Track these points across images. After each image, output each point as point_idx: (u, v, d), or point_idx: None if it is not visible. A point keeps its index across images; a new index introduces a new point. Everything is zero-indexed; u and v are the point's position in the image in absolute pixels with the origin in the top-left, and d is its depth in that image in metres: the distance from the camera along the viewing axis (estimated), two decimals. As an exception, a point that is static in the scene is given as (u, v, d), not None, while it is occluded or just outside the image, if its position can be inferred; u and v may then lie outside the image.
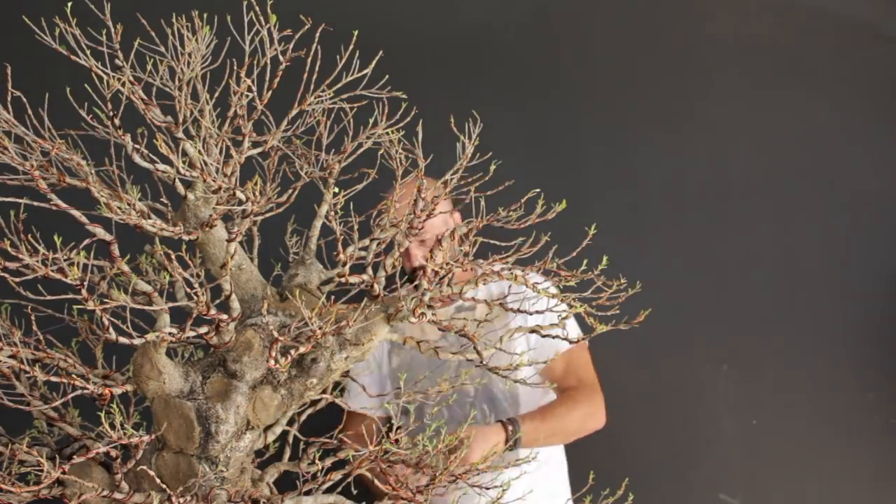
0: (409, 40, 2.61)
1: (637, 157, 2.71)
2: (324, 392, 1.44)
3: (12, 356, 1.15)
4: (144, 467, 1.22)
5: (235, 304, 1.24)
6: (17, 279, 1.10)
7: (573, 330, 2.22)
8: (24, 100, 1.18)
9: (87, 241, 1.10)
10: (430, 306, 1.28)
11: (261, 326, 1.28)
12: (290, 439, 1.51)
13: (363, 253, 1.41)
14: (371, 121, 1.37)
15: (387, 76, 1.31)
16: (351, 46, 1.26)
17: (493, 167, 1.62)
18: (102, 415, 1.15)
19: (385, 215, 1.41)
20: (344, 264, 1.28)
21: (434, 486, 1.35)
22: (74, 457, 1.16)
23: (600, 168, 2.70)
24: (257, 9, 1.18)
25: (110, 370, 1.31)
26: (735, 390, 2.65)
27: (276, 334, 1.20)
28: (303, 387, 1.29)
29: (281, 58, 1.21)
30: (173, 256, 1.18)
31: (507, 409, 2.14)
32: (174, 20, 1.17)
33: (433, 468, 1.35)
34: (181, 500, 1.20)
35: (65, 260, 1.07)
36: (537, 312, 1.37)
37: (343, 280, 1.30)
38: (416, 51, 2.61)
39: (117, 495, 1.21)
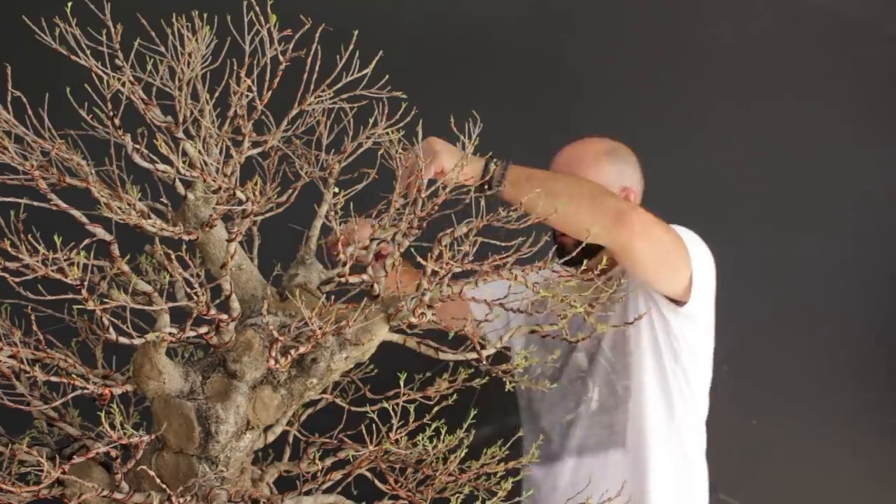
0: (409, 40, 2.61)
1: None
2: (324, 392, 1.44)
3: (12, 356, 1.15)
4: (144, 467, 1.22)
5: (235, 304, 1.24)
6: (17, 279, 1.10)
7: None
8: (24, 100, 1.18)
9: (87, 241, 1.10)
10: (429, 306, 1.28)
11: (261, 326, 1.28)
12: (291, 439, 1.51)
13: (363, 253, 1.41)
14: (371, 121, 1.37)
15: (387, 76, 1.32)
16: (351, 46, 1.26)
17: (493, 167, 1.62)
18: (102, 415, 1.15)
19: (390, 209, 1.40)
20: (344, 264, 1.28)
21: (433, 484, 1.35)
22: (74, 457, 1.16)
23: (600, 168, 2.69)
24: (257, 9, 1.18)
25: (110, 370, 1.31)
26: (735, 390, 2.65)
27: (276, 334, 1.20)
28: (303, 387, 1.29)
29: (281, 58, 1.21)
30: (173, 256, 1.18)
31: (615, 381, 2.01)
32: (174, 20, 1.17)
33: (433, 467, 1.36)
34: (181, 500, 1.20)
35: (65, 260, 1.07)
36: (537, 312, 1.37)
37: (343, 280, 1.30)
38: (416, 51, 2.61)
39: (117, 495, 1.21)
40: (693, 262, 1.86)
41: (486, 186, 1.68)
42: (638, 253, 1.79)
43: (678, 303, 1.90)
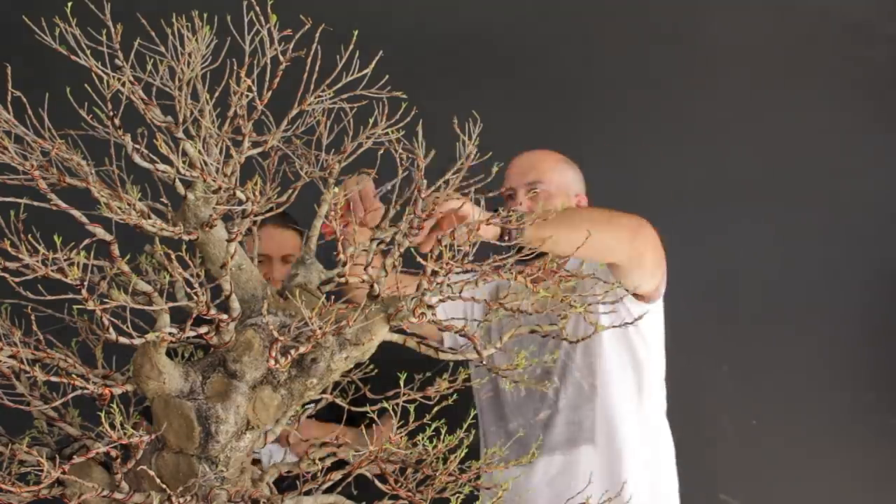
0: (409, 40, 2.61)
1: (637, 157, 2.71)
2: (324, 392, 1.44)
3: (12, 356, 1.15)
4: (144, 467, 1.22)
5: (235, 304, 1.24)
6: (17, 279, 1.10)
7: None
8: (24, 100, 1.18)
9: (87, 241, 1.10)
10: (429, 306, 1.28)
11: (261, 326, 1.28)
12: (291, 439, 1.51)
13: (363, 254, 1.41)
14: (371, 121, 1.37)
15: (387, 76, 1.32)
16: (351, 46, 1.26)
17: (495, 168, 1.62)
18: (102, 415, 1.15)
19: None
20: (344, 264, 1.28)
21: (433, 484, 1.35)
22: (74, 457, 1.16)
23: (600, 168, 2.69)
24: (257, 9, 1.18)
25: (110, 370, 1.31)
26: (735, 390, 2.65)
27: (276, 334, 1.20)
28: (303, 387, 1.29)
29: (281, 58, 1.21)
30: (173, 256, 1.18)
31: (581, 379, 2.07)
32: (174, 20, 1.17)
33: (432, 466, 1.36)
34: (181, 500, 1.20)
35: (65, 260, 1.07)
36: (536, 312, 1.37)
37: (343, 280, 1.30)
38: (416, 51, 2.61)
39: (117, 495, 1.21)
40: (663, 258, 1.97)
41: (505, 238, 1.68)
42: (646, 261, 1.90)
43: (643, 297, 1.99)
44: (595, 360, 2.04)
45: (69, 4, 1.16)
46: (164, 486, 1.20)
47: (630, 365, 2.05)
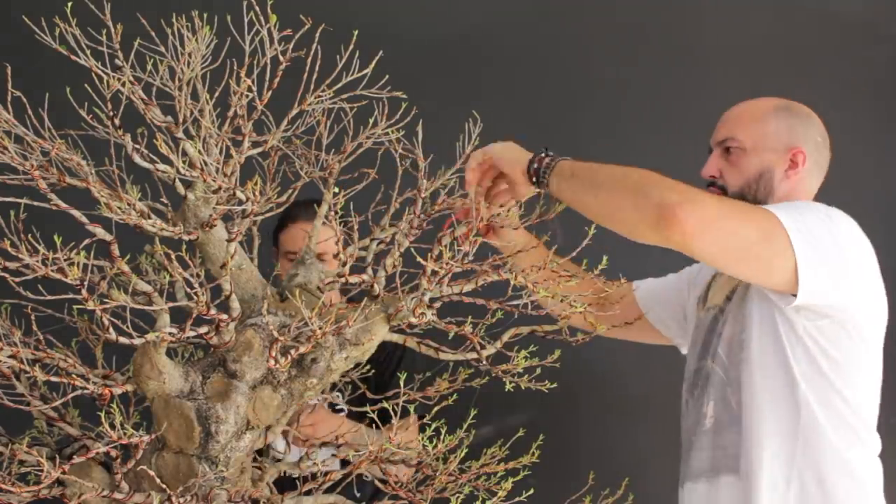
0: (409, 40, 2.61)
1: (637, 158, 2.70)
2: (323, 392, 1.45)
3: (12, 356, 1.15)
4: (144, 467, 1.22)
5: (235, 304, 1.24)
6: (17, 279, 1.10)
7: None
8: (24, 100, 1.18)
9: (87, 241, 1.10)
10: (429, 306, 1.28)
11: (261, 326, 1.28)
12: (290, 439, 1.51)
13: (363, 253, 1.41)
14: (371, 121, 1.37)
15: (387, 76, 1.32)
16: (351, 46, 1.26)
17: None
18: (102, 415, 1.15)
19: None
20: (344, 264, 1.28)
21: (433, 484, 1.35)
22: (74, 457, 1.16)
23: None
24: (257, 9, 1.18)
25: (110, 370, 1.31)
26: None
27: (276, 334, 1.20)
28: (303, 387, 1.29)
29: (281, 58, 1.21)
30: (173, 256, 1.19)
31: (729, 395, 1.64)
32: (174, 20, 1.17)
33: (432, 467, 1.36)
34: (181, 500, 1.20)
35: (65, 260, 1.07)
36: (536, 310, 1.37)
37: (343, 280, 1.30)
38: (416, 51, 2.61)
39: (117, 495, 1.21)
40: (798, 245, 1.48)
41: (533, 181, 1.52)
42: (700, 254, 1.47)
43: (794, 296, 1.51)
44: (741, 372, 1.61)
45: (69, 4, 1.17)
46: (164, 486, 1.20)
47: (784, 383, 1.56)
